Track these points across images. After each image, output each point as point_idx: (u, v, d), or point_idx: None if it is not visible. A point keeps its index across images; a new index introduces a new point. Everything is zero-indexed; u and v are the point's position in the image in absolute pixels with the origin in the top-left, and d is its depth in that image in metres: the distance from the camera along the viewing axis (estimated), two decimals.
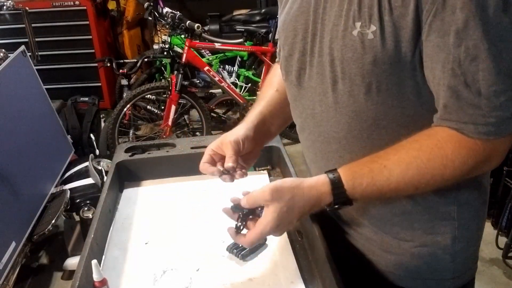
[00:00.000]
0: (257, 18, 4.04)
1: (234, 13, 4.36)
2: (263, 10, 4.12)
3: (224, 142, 0.97)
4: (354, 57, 0.80)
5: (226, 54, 3.83)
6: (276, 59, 1.15)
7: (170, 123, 3.29)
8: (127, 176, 1.38)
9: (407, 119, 0.83)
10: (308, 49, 0.89)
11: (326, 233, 0.99)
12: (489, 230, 2.57)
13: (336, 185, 0.83)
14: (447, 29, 0.72)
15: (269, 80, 1.15)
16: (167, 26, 3.58)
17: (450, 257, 0.94)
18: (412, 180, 0.80)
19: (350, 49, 0.80)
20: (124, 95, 3.50)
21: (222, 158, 0.97)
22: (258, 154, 1.08)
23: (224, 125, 3.84)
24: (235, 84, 3.87)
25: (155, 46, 3.98)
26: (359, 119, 0.86)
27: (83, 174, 1.69)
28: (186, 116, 3.68)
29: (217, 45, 3.63)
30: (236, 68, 3.91)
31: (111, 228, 1.19)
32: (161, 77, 3.98)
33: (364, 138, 0.87)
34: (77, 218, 1.42)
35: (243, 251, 1.04)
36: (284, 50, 0.95)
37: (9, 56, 1.50)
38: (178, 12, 3.33)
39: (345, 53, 0.81)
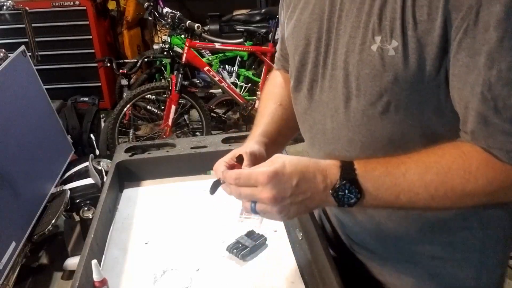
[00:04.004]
0: (257, 18, 4.04)
1: (234, 13, 4.36)
2: (263, 10, 4.12)
3: (238, 154, 0.86)
4: (371, 74, 0.74)
5: (226, 54, 3.83)
6: (275, 66, 1.10)
7: (170, 123, 3.29)
8: (127, 176, 1.38)
9: (426, 139, 0.77)
10: (321, 60, 0.83)
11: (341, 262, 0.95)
12: None
13: (346, 163, 0.75)
14: (479, 48, 0.65)
15: (271, 92, 1.07)
16: (167, 26, 3.58)
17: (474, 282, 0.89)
18: (429, 185, 0.71)
19: (368, 66, 0.74)
20: (124, 95, 3.50)
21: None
22: None
23: (224, 125, 3.84)
24: (235, 84, 3.87)
25: (155, 46, 3.98)
26: (373, 139, 0.79)
27: (83, 174, 1.69)
28: (186, 116, 3.68)
29: (217, 45, 3.63)
30: (236, 68, 3.91)
31: (111, 228, 1.19)
32: (161, 77, 3.98)
33: None
34: (77, 218, 1.41)
35: (243, 251, 1.05)
36: (295, 59, 0.89)
37: (9, 56, 1.50)
38: (178, 12, 3.33)
39: (361, 69, 0.75)
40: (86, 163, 1.66)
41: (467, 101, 0.69)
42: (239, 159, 0.84)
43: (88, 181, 1.55)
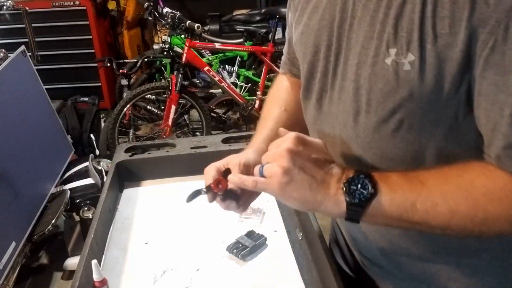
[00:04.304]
0: (257, 18, 4.04)
1: (234, 13, 4.36)
2: (263, 10, 4.11)
3: (231, 164, 0.83)
4: (384, 89, 0.68)
5: (226, 54, 3.83)
6: (281, 70, 1.06)
7: (170, 123, 3.29)
8: (127, 176, 1.38)
9: (441, 160, 0.71)
10: (331, 70, 0.78)
11: None
12: None
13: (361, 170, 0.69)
14: (509, 66, 0.60)
15: (275, 96, 1.03)
16: (167, 26, 3.58)
17: None
18: (449, 197, 0.64)
19: (381, 80, 0.68)
20: (124, 95, 3.50)
21: None
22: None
23: (224, 125, 3.84)
24: (235, 84, 3.87)
25: (155, 46, 3.98)
26: (384, 157, 0.74)
27: (83, 174, 1.69)
28: (186, 116, 3.68)
29: (217, 45, 3.62)
30: (236, 68, 3.90)
31: (111, 228, 1.19)
32: (161, 77, 3.98)
33: None
34: (77, 218, 1.41)
35: (243, 251, 1.05)
36: (303, 67, 0.84)
37: (9, 56, 1.50)
38: (178, 12, 3.32)
39: (373, 84, 0.69)
40: (86, 163, 1.66)
41: (495, 123, 0.63)
42: (226, 173, 0.80)
43: (88, 181, 1.55)
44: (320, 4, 0.79)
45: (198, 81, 3.81)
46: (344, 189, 0.66)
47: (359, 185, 0.66)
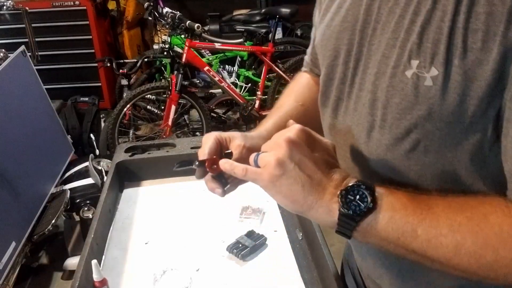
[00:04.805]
0: (257, 18, 4.04)
1: (234, 13, 4.37)
2: (263, 10, 4.12)
3: (234, 144, 0.76)
4: (401, 105, 0.61)
5: (226, 54, 3.83)
6: (303, 68, 1.00)
7: (170, 123, 3.29)
8: (127, 176, 1.38)
9: (458, 188, 0.63)
10: (349, 77, 0.72)
11: None
12: None
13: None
14: None
15: (293, 90, 0.96)
16: (167, 26, 3.58)
17: None
18: (456, 228, 0.56)
19: (399, 94, 0.61)
20: (124, 95, 3.50)
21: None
22: None
23: (224, 125, 3.85)
24: (235, 84, 3.87)
25: (155, 46, 3.98)
26: (396, 179, 0.67)
27: (83, 174, 1.69)
28: (186, 116, 3.68)
29: (217, 45, 3.63)
30: (236, 68, 3.91)
31: (111, 228, 1.19)
32: (161, 77, 3.98)
33: None
34: (77, 218, 1.42)
35: (243, 251, 1.05)
36: (322, 71, 0.79)
37: (9, 56, 1.50)
38: (178, 12, 3.33)
39: (390, 97, 0.63)
40: (86, 163, 1.66)
41: None
42: (227, 155, 0.75)
43: (88, 181, 1.55)
44: (344, 4, 0.73)
45: (198, 81, 3.81)
46: (340, 197, 0.60)
47: (357, 196, 0.59)
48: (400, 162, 0.65)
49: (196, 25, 3.20)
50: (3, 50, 1.78)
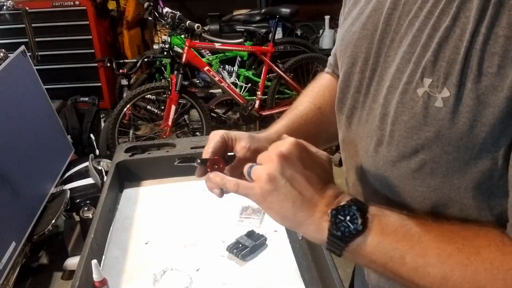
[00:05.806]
0: (257, 18, 4.04)
1: (234, 13, 4.37)
2: (263, 10, 4.12)
3: (239, 146, 0.74)
4: (410, 123, 0.59)
5: (226, 54, 3.83)
6: (326, 69, 0.97)
7: (170, 123, 3.29)
8: (127, 176, 1.38)
9: (463, 216, 0.61)
10: (364, 86, 0.69)
11: None
12: None
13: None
14: None
15: (312, 91, 0.93)
16: (167, 26, 3.58)
17: None
18: (445, 259, 0.55)
19: (408, 111, 0.59)
20: (124, 95, 3.50)
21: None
22: None
23: (224, 125, 3.85)
24: (235, 84, 3.87)
25: (155, 46, 3.98)
26: (401, 199, 0.65)
27: (83, 174, 1.69)
28: (186, 116, 3.68)
29: (217, 45, 3.63)
30: (236, 68, 3.91)
31: (111, 228, 1.19)
32: (161, 77, 3.98)
33: None
34: (77, 218, 1.42)
35: (243, 251, 1.05)
36: (340, 77, 0.77)
37: (9, 56, 1.50)
38: (178, 12, 3.33)
39: (399, 113, 0.60)
40: (86, 163, 1.66)
41: None
42: (230, 158, 0.74)
43: (88, 181, 1.55)
44: (365, 10, 0.70)
45: (198, 81, 3.81)
46: (330, 216, 0.59)
47: (348, 217, 0.58)
48: (406, 181, 0.63)
49: (196, 25, 3.20)
50: (3, 50, 1.78)
